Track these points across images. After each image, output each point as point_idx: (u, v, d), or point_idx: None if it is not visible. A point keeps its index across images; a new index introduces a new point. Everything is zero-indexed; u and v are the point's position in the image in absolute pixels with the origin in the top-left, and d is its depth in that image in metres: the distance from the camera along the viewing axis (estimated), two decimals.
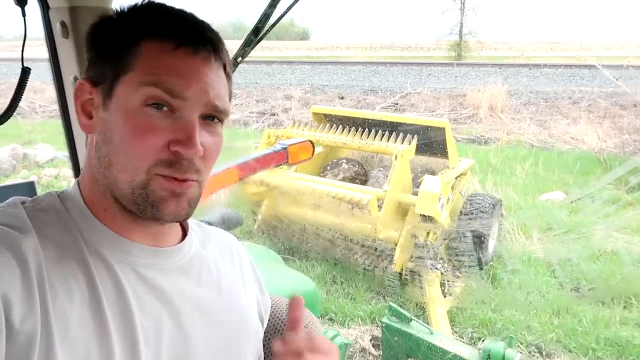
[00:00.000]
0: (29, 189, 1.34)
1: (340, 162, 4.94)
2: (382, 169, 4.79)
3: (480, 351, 1.77)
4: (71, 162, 1.26)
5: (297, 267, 4.19)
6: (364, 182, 4.72)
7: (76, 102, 0.72)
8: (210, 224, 0.99)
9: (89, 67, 0.71)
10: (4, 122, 0.99)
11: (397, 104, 12.39)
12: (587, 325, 3.43)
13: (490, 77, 13.92)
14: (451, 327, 3.37)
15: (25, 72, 0.99)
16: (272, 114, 12.02)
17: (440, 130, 4.24)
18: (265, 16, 1.11)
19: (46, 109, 12.50)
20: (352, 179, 4.67)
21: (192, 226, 0.85)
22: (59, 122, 1.26)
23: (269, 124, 10.90)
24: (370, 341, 3.26)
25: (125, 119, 0.66)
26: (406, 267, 3.74)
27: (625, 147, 8.36)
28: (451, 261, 3.99)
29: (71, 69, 1.14)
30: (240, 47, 1.06)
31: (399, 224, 3.77)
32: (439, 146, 4.41)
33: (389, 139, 4.13)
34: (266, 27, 1.08)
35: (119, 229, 0.71)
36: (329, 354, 0.77)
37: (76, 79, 1.12)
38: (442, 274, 3.76)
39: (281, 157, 1.55)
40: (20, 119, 11.20)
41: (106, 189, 0.69)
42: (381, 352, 2.59)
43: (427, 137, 4.35)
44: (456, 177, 4.36)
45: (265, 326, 0.92)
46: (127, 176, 0.66)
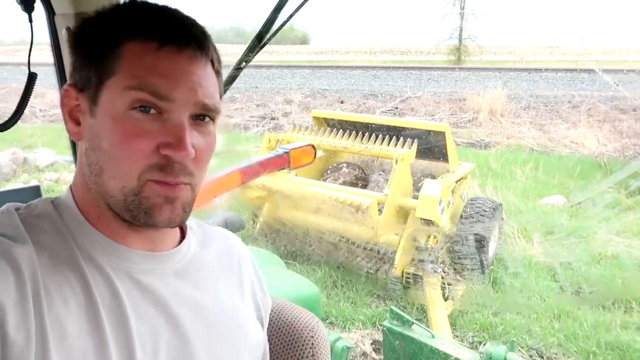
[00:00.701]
0: (34, 193, 1.35)
1: (340, 166, 4.95)
2: (382, 173, 4.80)
3: (481, 355, 1.78)
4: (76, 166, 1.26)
5: (298, 271, 4.19)
6: (365, 186, 4.73)
7: (63, 109, 0.70)
8: None
9: (74, 72, 0.69)
10: (10, 126, 0.99)
11: (397, 108, 12.41)
12: (588, 329, 3.43)
13: (490, 81, 13.96)
14: (452, 331, 3.37)
15: (31, 77, 0.99)
16: (272, 118, 12.04)
17: (440, 134, 4.26)
18: (269, 21, 1.12)
19: (46, 113, 12.51)
20: (353, 183, 4.68)
21: (192, 226, 0.84)
22: (60, 126, 1.26)
23: (269, 128, 10.91)
24: (371, 345, 3.26)
25: (112, 124, 0.64)
26: (407, 271, 3.74)
27: (625, 151, 8.37)
28: (452, 265, 3.99)
29: None
30: (244, 52, 1.07)
31: (400, 227, 3.78)
32: (439, 150, 4.42)
33: (389, 143, 4.14)
34: (270, 33, 1.09)
35: (113, 235, 0.70)
36: None
37: None
38: (442, 278, 3.76)
39: (283, 161, 1.56)
40: (20, 123, 11.20)
41: (99, 196, 0.68)
42: (382, 356, 2.59)
43: (428, 141, 4.36)
44: (456, 181, 4.36)
45: (265, 327, 0.92)
46: (118, 183, 0.65)
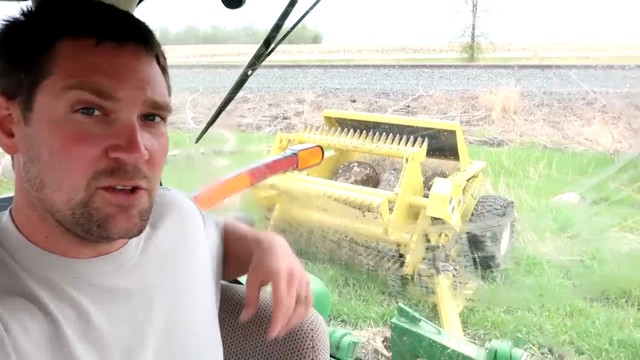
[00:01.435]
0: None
1: (351, 165, 4.98)
2: (393, 172, 4.82)
3: (487, 350, 1.80)
4: None
5: (310, 269, 4.23)
6: (376, 185, 4.75)
7: None
8: None
9: (0, 79, 0.61)
10: None
11: (409, 106, 12.38)
12: (601, 326, 3.42)
13: (502, 79, 13.82)
14: (463, 329, 3.39)
15: None
16: (285, 118, 12.09)
17: (451, 133, 4.27)
18: (276, 27, 1.15)
19: None
20: (364, 182, 4.70)
21: None
22: None
23: (281, 128, 10.96)
24: (382, 342, 3.29)
25: (51, 131, 0.57)
26: (418, 269, 3.77)
27: None
28: (463, 263, 4.00)
29: None
30: (250, 60, 1.10)
31: (411, 226, 3.80)
32: (450, 149, 4.43)
33: (399, 142, 4.16)
34: (277, 39, 1.13)
35: (65, 252, 0.63)
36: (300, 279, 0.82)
37: None
38: (453, 276, 3.77)
39: (291, 162, 1.59)
40: None
41: (44, 213, 0.61)
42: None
43: (438, 139, 4.37)
44: (468, 180, 4.37)
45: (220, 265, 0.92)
46: (63, 196, 0.58)
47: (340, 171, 4.94)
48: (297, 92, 14.52)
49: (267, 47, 1.13)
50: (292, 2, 1.09)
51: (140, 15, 0.73)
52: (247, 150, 8.67)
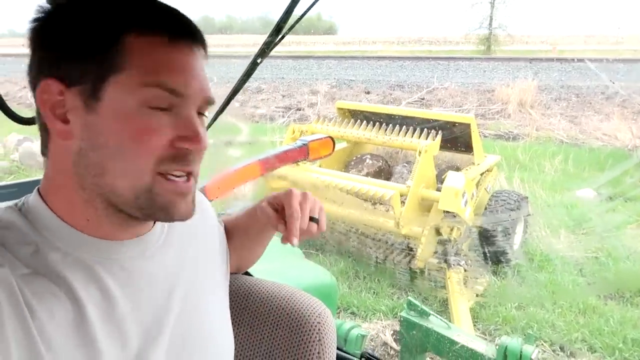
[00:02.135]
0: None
1: (364, 157, 4.95)
2: (406, 165, 4.78)
3: (497, 346, 1.78)
4: None
5: (320, 261, 4.23)
6: (388, 177, 4.72)
7: (43, 105, 0.62)
8: None
9: (52, 66, 0.62)
10: None
11: (423, 99, 12.28)
12: (614, 325, 3.36)
13: (520, 72, 13.64)
14: (473, 324, 3.36)
15: None
16: (298, 109, 12.07)
17: (465, 126, 4.21)
18: (286, 14, 1.13)
19: None
20: (376, 175, 4.67)
21: None
22: None
23: (295, 119, 10.94)
24: (391, 335, 3.28)
25: (122, 122, 0.61)
26: (429, 263, 3.74)
27: None
28: (475, 258, 3.97)
29: None
30: (260, 48, 1.09)
31: (423, 220, 3.77)
32: (464, 142, 4.37)
33: (413, 135, 4.12)
34: (286, 28, 1.11)
35: (101, 234, 0.66)
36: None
37: None
38: (465, 271, 3.74)
39: (302, 152, 1.58)
40: None
41: (96, 197, 0.64)
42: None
43: (452, 132, 4.32)
44: (481, 174, 4.32)
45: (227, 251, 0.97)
46: (128, 182, 0.62)
47: (352, 163, 4.91)
48: (311, 84, 14.49)
49: (277, 34, 1.11)
50: None
51: None
52: (261, 140, 8.68)
